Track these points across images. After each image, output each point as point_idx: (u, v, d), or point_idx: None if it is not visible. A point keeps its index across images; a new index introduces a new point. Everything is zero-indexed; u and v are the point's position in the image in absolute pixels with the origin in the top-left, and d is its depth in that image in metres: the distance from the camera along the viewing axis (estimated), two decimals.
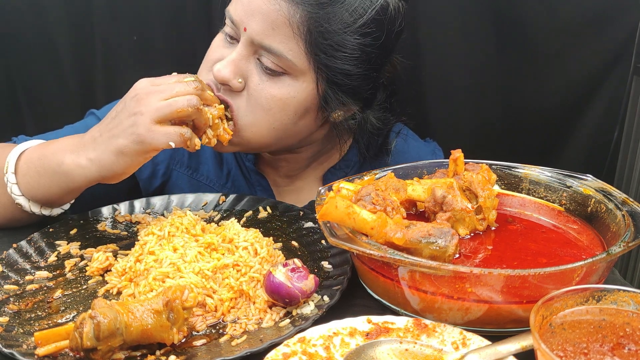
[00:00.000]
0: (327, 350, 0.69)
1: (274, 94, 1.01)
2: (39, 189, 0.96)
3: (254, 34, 0.99)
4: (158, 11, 1.43)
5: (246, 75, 1.02)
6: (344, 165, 1.25)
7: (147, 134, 0.89)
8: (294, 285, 0.78)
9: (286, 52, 0.99)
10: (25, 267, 0.91)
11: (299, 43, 0.99)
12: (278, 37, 0.98)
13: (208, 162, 1.24)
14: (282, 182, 1.26)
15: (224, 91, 1.02)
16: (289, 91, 1.02)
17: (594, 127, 1.41)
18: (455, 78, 1.42)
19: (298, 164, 1.23)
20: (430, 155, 1.31)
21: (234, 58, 1.01)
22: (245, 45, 1.00)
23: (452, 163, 0.98)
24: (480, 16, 1.36)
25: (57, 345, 0.70)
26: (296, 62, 1.00)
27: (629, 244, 0.76)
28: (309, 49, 0.99)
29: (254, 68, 1.02)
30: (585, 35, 1.34)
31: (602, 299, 0.64)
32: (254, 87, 1.01)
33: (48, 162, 0.95)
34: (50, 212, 1.02)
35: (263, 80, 1.01)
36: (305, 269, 0.80)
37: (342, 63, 1.02)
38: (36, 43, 1.43)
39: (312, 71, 1.02)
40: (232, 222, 0.94)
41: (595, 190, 0.93)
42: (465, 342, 0.70)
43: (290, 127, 1.06)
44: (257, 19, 0.98)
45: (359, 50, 1.01)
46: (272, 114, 1.03)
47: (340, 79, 1.03)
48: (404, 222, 0.81)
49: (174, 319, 0.72)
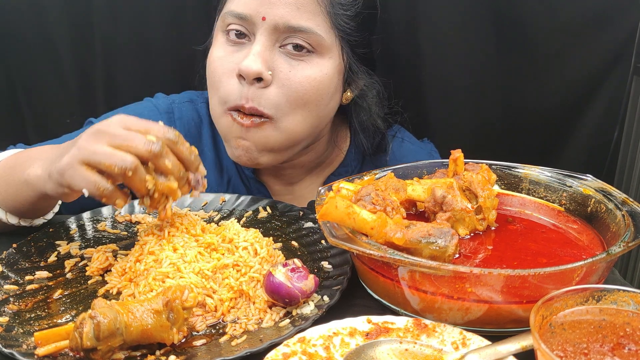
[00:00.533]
0: (327, 350, 0.69)
1: (307, 75, 1.02)
2: (8, 199, 0.93)
3: (277, 19, 0.99)
4: (158, 11, 1.43)
5: (273, 66, 1.01)
6: (344, 172, 1.25)
7: (68, 170, 0.81)
8: (294, 285, 0.78)
9: (315, 28, 1.00)
10: (25, 267, 0.91)
11: (324, 16, 1.01)
12: (305, 15, 1.00)
13: (209, 169, 1.23)
14: (282, 191, 1.26)
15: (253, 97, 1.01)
16: (320, 69, 1.04)
17: (594, 127, 1.41)
18: (455, 78, 1.42)
19: (301, 170, 1.23)
20: (427, 157, 1.31)
21: (259, 50, 1.00)
22: (267, 35, 1.00)
23: (452, 163, 0.98)
24: (480, 16, 1.36)
25: (57, 345, 0.70)
26: (324, 36, 1.02)
27: (628, 244, 0.76)
28: (333, 20, 1.02)
29: (278, 57, 1.02)
30: (585, 35, 1.34)
31: (602, 299, 0.64)
32: (284, 75, 1.02)
33: (16, 171, 0.92)
34: (30, 223, 1.00)
35: (292, 66, 1.02)
36: (305, 269, 0.80)
37: (356, 30, 1.06)
38: (36, 43, 1.43)
39: (337, 44, 1.05)
40: (232, 222, 0.94)
41: (595, 190, 0.93)
42: (465, 342, 0.70)
43: (322, 110, 1.08)
44: (278, 4, 0.98)
45: (365, 18, 1.07)
46: (308, 97, 1.03)
47: (357, 46, 1.08)
48: (404, 222, 0.81)
49: (174, 319, 0.72)
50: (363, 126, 1.18)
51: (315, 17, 1.00)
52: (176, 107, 1.23)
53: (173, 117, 1.22)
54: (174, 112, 1.22)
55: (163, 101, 1.24)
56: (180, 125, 1.22)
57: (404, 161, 1.22)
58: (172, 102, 1.24)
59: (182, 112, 1.23)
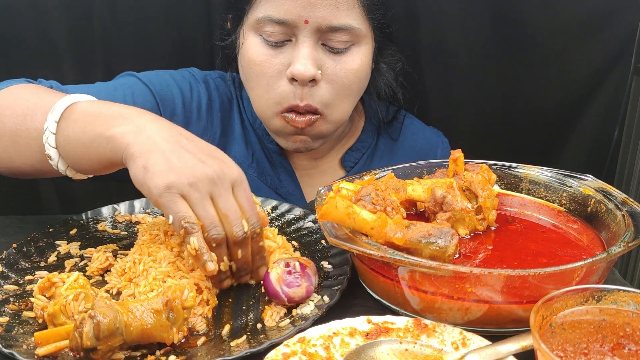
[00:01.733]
0: (327, 351, 0.69)
1: (351, 68, 1.08)
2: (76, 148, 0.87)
3: (320, 21, 1.02)
4: (158, 11, 1.43)
5: (320, 64, 1.06)
6: (360, 146, 1.31)
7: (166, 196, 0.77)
8: (282, 289, 0.78)
9: (354, 23, 1.05)
10: (26, 267, 0.91)
11: (359, 9, 1.06)
12: (344, 13, 1.04)
13: (236, 143, 1.26)
14: (305, 166, 1.29)
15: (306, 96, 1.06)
16: (360, 58, 1.09)
17: (594, 127, 1.42)
18: (455, 78, 1.43)
19: (327, 146, 1.27)
20: (434, 135, 1.38)
21: (308, 53, 1.04)
22: (310, 37, 1.04)
23: (452, 163, 0.98)
24: (480, 16, 1.36)
25: (57, 345, 0.69)
26: (362, 28, 1.07)
27: (629, 244, 0.76)
28: (367, 11, 1.08)
29: (323, 55, 1.06)
30: (585, 35, 1.34)
31: (602, 299, 0.64)
32: (331, 71, 1.07)
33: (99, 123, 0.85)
34: (74, 175, 0.95)
35: (337, 61, 1.07)
36: (306, 274, 0.79)
37: (384, 12, 1.12)
38: (36, 43, 1.43)
39: (370, 31, 1.11)
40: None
41: (595, 190, 0.93)
42: (465, 342, 0.70)
43: (361, 92, 1.16)
44: (318, 5, 1.02)
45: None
46: (354, 87, 1.11)
47: (386, 27, 1.14)
48: (404, 222, 0.81)
49: (174, 319, 0.72)
50: (380, 92, 1.23)
51: (353, 12, 1.05)
52: (211, 80, 1.27)
53: (209, 87, 1.25)
54: (209, 82, 1.26)
55: (198, 72, 1.28)
56: (216, 96, 1.25)
57: (413, 136, 1.33)
58: (207, 74, 1.28)
59: (217, 84, 1.27)
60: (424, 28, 1.38)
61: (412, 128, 1.35)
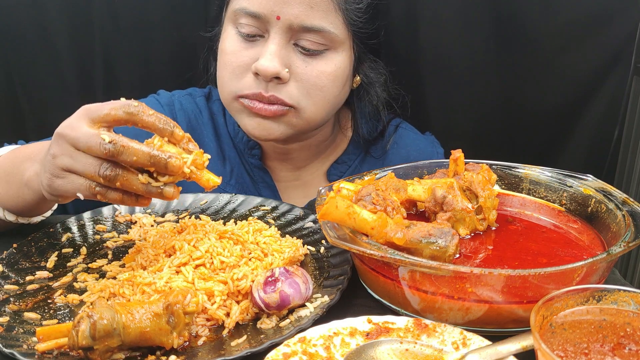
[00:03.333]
0: (327, 350, 0.69)
1: (323, 70, 1.06)
2: (9, 199, 0.93)
3: (292, 18, 1.01)
4: (158, 11, 1.43)
5: (288, 63, 1.04)
6: (347, 159, 1.27)
7: (56, 180, 0.80)
8: (259, 295, 0.78)
9: (329, 26, 1.03)
10: (26, 267, 0.91)
11: (338, 14, 1.04)
12: (319, 14, 1.02)
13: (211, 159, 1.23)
14: (287, 177, 1.27)
15: (272, 89, 1.04)
16: (335, 63, 1.07)
17: (594, 126, 1.42)
18: (456, 78, 1.43)
19: (308, 152, 1.25)
20: (430, 146, 1.34)
21: (275, 50, 1.02)
22: (281, 34, 1.02)
23: (452, 163, 0.98)
24: (481, 16, 1.36)
25: (57, 342, 0.69)
26: (338, 33, 1.05)
27: (629, 244, 0.76)
28: (346, 16, 1.05)
29: (293, 54, 1.04)
30: (585, 35, 1.34)
31: (603, 299, 0.64)
32: (301, 70, 1.05)
33: (15, 172, 0.91)
34: (28, 221, 1.00)
35: (308, 62, 1.05)
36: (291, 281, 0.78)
37: (369, 23, 1.09)
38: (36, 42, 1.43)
39: (349, 38, 1.08)
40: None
41: (596, 190, 0.93)
42: (466, 342, 0.70)
43: (337, 98, 1.13)
44: (293, 3, 1.00)
45: (376, 8, 1.10)
46: (327, 89, 1.08)
47: (369, 38, 1.11)
48: (405, 222, 0.81)
49: (175, 323, 0.71)
50: (365, 110, 1.22)
51: (329, 15, 1.03)
52: (176, 100, 1.27)
53: (174, 109, 1.25)
54: (174, 104, 1.26)
55: (164, 95, 1.28)
56: (182, 116, 1.25)
57: (406, 148, 1.27)
58: (172, 95, 1.29)
59: (183, 103, 1.26)
60: (423, 28, 1.38)
61: (406, 139, 1.31)
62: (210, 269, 0.83)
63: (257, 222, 1.00)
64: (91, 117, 0.79)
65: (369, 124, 1.25)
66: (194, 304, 0.73)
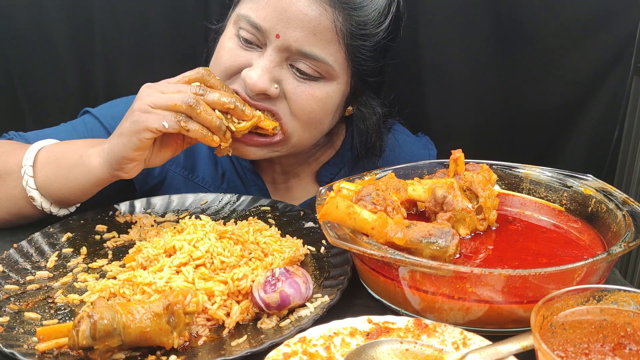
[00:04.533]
0: (327, 350, 0.69)
1: (314, 95, 1.02)
2: (56, 181, 0.97)
3: (291, 41, 0.98)
4: (158, 11, 1.43)
5: (279, 79, 1.01)
6: (338, 161, 1.26)
7: (142, 115, 0.90)
8: (259, 295, 0.78)
9: (327, 58, 1.00)
10: (26, 267, 0.91)
11: (340, 47, 1.00)
12: (320, 43, 0.98)
13: (204, 162, 1.24)
14: (278, 180, 1.26)
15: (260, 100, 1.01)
16: (327, 92, 1.04)
17: (594, 127, 1.42)
18: (455, 78, 1.43)
19: (297, 159, 1.23)
20: (422, 149, 1.33)
21: (267, 66, 0.99)
22: (277, 52, 0.99)
23: (452, 163, 0.98)
24: (481, 16, 1.36)
25: (58, 342, 0.69)
26: (335, 66, 1.01)
27: (629, 244, 0.76)
28: (349, 52, 1.01)
29: (287, 73, 1.01)
30: (585, 35, 1.34)
31: (603, 299, 0.64)
32: (292, 90, 1.01)
33: (69, 155, 0.98)
34: (57, 211, 1.03)
35: (300, 84, 1.01)
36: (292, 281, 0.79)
37: (373, 62, 1.05)
38: (36, 41, 1.43)
39: (348, 73, 1.05)
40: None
41: (596, 190, 0.93)
42: (466, 342, 0.70)
43: (325, 125, 1.09)
44: (295, 26, 0.97)
45: (383, 47, 1.06)
46: (315, 115, 1.04)
47: (370, 76, 1.08)
48: (405, 222, 0.81)
49: (175, 323, 0.71)
50: (360, 138, 1.19)
51: (330, 46, 0.99)
52: None
53: None
54: None
55: None
56: None
57: (398, 151, 1.25)
58: None
59: None
60: (423, 27, 1.38)
61: (398, 142, 1.29)
62: (211, 269, 0.83)
63: (257, 222, 1.00)
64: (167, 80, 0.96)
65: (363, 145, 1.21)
66: (194, 304, 0.73)
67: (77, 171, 0.96)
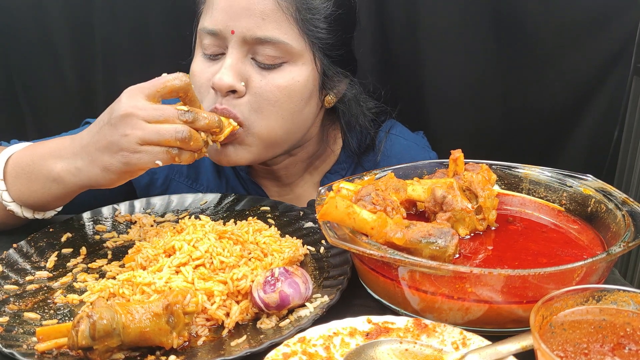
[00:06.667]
0: (327, 350, 0.69)
1: (278, 84, 1.03)
2: (31, 195, 0.95)
3: (245, 31, 1.00)
4: (158, 11, 1.43)
5: (245, 77, 1.02)
6: (339, 169, 1.26)
7: (132, 156, 0.87)
8: (258, 295, 0.78)
9: (282, 37, 1.01)
10: (26, 267, 0.91)
11: (292, 24, 1.01)
12: (270, 25, 1.00)
13: (207, 171, 1.24)
14: (280, 192, 1.26)
15: (226, 103, 1.01)
16: (292, 77, 1.04)
17: (594, 127, 1.42)
18: (455, 78, 1.43)
19: (295, 169, 1.23)
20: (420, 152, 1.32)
21: (231, 63, 1.01)
22: (237, 48, 1.01)
23: (452, 163, 0.98)
24: (480, 16, 1.36)
25: (57, 342, 0.69)
26: (293, 44, 1.02)
27: (629, 244, 0.76)
28: (302, 27, 1.02)
29: (251, 68, 1.02)
30: (585, 35, 1.34)
31: (602, 299, 0.64)
32: (257, 85, 1.02)
33: (39, 169, 0.93)
34: (43, 216, 1.01)
35: (264, 76, 1.02)
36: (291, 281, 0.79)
37: (328, 34, 1.06)
38: (36, 42, 1.44)
39: (308, 50, 1.05)
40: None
41: (596, 190, 0.93)
42: (466, 342, 0.70)
43: (297, 116, 1.07)
44: (243, 16, 0.99)
45: (338, 19, 1.06)
46: (280, 105, 1.04)
47: (331, 50, 1.07)
48: (404, 222, 0.81)
49: (174, 323, 0.71)
50: (349, 126, 1.19)
51: (282, 26, 1.01)
52: None
53: None
54: None
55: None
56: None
57: (397, 157, 1.24)
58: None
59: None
60: (423, 27, 1.38)
61: (396, 146, 1.28)
62: (210, 269, 0.83)
63: (257, 222, 1.00)
64: (147, 93, 0.89)
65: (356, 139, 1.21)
66: (193, 304, 0.73)
67: (50, 185, 0.93)
